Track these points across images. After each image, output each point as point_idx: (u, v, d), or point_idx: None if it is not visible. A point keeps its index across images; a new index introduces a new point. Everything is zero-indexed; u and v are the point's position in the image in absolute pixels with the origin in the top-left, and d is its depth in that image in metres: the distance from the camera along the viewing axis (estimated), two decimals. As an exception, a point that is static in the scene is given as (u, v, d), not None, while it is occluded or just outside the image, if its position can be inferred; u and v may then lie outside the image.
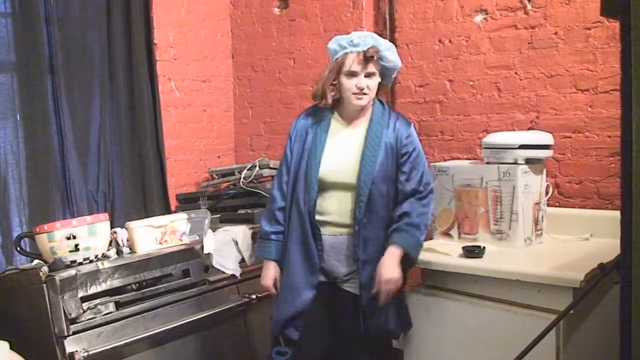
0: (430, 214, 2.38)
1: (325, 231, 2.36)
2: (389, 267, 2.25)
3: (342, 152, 2.37)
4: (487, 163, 2.57)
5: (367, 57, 2.26)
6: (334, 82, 2.33)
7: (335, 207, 2.35)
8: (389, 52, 2.33)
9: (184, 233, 2.88)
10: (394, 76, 2.46)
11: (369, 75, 2.29)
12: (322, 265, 2.38)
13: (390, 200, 2.35)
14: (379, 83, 2.36)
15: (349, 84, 2.29)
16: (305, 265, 2.37)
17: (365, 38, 2.29)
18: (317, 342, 2.41)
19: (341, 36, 2.35)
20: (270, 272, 2.45)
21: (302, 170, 2.37)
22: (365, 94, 2.30)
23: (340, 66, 2.30)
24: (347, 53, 2.29)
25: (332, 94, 2.34)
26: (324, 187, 2.36)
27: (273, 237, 2.43)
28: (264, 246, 2.46)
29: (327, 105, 2.37)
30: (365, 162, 2.31)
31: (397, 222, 2.31)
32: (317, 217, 2.35)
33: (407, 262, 2.32)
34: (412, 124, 2.46)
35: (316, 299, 2.37)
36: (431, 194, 2.38)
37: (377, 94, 2.38)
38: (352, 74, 2.29)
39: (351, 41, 2.29)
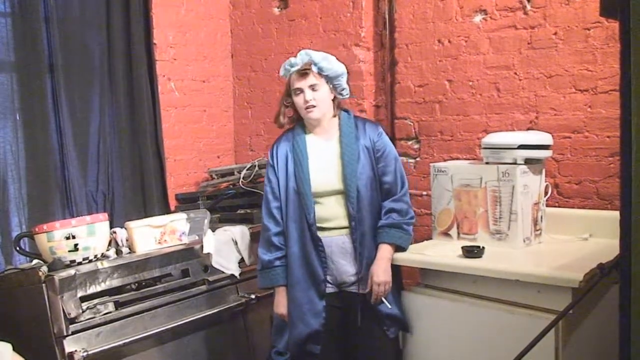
0: (410, 205, 2.55)
1: (329, 234, 2.46)
2: (382, 269, 2.41)
3: (324, 164, 2.49)
4: (487, 163, 2.57)
5: (302, 73, 2.44)
6: (287, 103, 2.53)
7: (331, 212, 2.47)
8: (325, 62, 2.47)
9: (183, 233, 2.88)
10: (343, 83, 2.53)
11: (312, 87, 2.44)
12: (328, 274, 2.46)
13: (377, 194, 2.52)
14: (339, 94, 2.52)
15: (297, 100, 2.48)
16: (309, 280, 2.45)
17: (302, 56, 2.48)
18: (336, 353, 2.50)
19: (287, 60, 2.52)
20: (284, 299, 2.50)
21: (291, 190, 2.48)
22: (313, 106, 2.45)
23: (289, 87, 2.51)
24: (290, 74, 2.49)
25: (289, 114, 2.57)
26: (316, 197, 2.46)
27: (277, 263, 2.50)
28: (270, 274, 2.51)
29: (282, 125, 2.55)
30: (347, 167, 2.46)
31: (384, 219, 2.47)
32: (318, 225, 2.44)
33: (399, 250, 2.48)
34: (379, 124, 2.68)
35: (327, 310, 2.45)
36: (406, 186, 2.55)
37: (339, 105, 2.54)
38: (298, 91, 2.45)
39: (290, 63, 2.49)
